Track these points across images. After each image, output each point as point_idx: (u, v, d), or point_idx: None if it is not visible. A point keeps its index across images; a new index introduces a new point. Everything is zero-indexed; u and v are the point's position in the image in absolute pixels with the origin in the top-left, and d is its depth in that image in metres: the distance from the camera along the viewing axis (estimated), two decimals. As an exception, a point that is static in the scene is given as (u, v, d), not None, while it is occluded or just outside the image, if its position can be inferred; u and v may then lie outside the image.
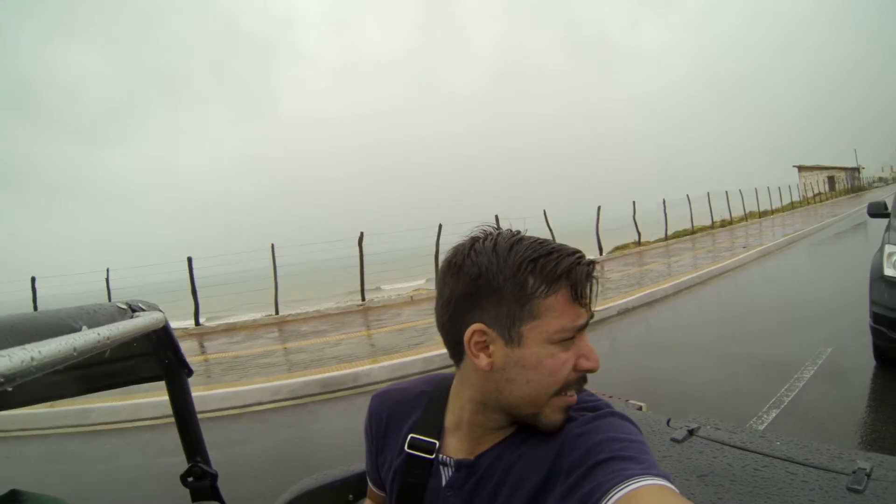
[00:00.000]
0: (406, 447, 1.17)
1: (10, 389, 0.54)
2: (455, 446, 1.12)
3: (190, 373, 1.66)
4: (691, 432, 1.67)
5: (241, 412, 6.08)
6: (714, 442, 1.59)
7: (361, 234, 14.35)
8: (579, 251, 0.97)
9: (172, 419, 1.71)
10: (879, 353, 4.63)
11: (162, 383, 1.71)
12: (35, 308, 13.14)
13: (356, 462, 1.77)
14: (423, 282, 16.91)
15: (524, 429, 1.05)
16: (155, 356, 1.58)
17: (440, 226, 14.91)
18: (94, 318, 0.84)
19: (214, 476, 1.72)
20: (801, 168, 62.72)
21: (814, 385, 4.69)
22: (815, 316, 7.19)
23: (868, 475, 1.23)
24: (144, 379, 1.65)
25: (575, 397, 0.99)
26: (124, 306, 1.03)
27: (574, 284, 0.94)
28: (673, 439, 1.63)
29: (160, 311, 1.26)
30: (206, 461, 1.73)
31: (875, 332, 4.44)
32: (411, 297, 14.68)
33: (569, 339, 0.96)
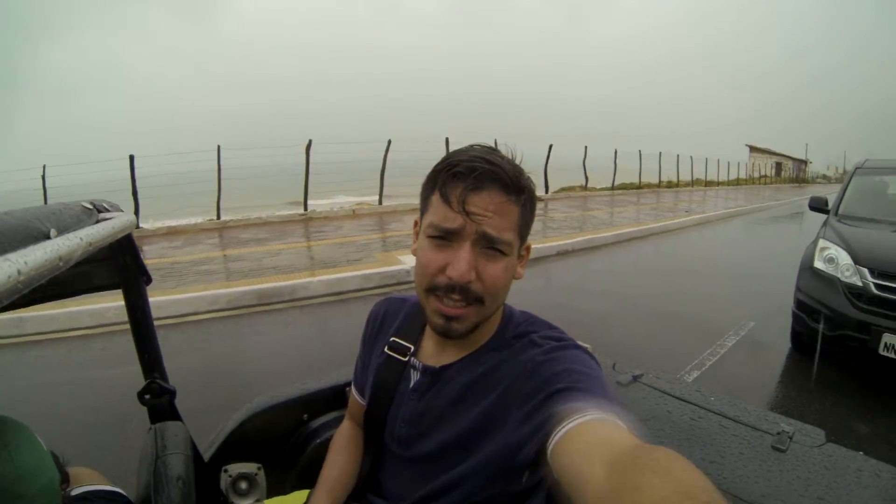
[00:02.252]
0: (386, 348, 1.25)
1: None
2: (428, 353, 1.20)
3: (149, 280, 1.58)
4: (636, 378, 1.78)
5: (178, 321, 5.96)
6: (656, 390, 1.70)
7: (310, 141, 14.09)
8: (475, 158, 0.99)
9: (111, 328, 1.62)
10: (796, 337, 4.91)
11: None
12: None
13: (303, 380, 1.85)
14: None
15: (492, 347, 1.11)
16: (113, 262, 1.49)
17: (389, 141, 14.75)
18: (60, 219, 0.78)
19: (173, 393, 1.67)
20: (752, 148, 64.05)
21: (734, 353, 4.96)
22: (742, 290, 7.50)
23: (790, 438, 1.37)
24: (100, 287, 1.55)
25: (451, 309, 1.02)
26: (89, 206, 0.96)
27: (441, 187, 1.00)
28: (618, 382, 1.74)
29: (122, 211, 1.16)
30: (164, 377, 1.67)
31: (796, 318, 4.69)
32: (353, 210, 14.61)
33: (440, 238, 1.01)
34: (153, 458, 1.23)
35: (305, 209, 14.17)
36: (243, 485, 1.69)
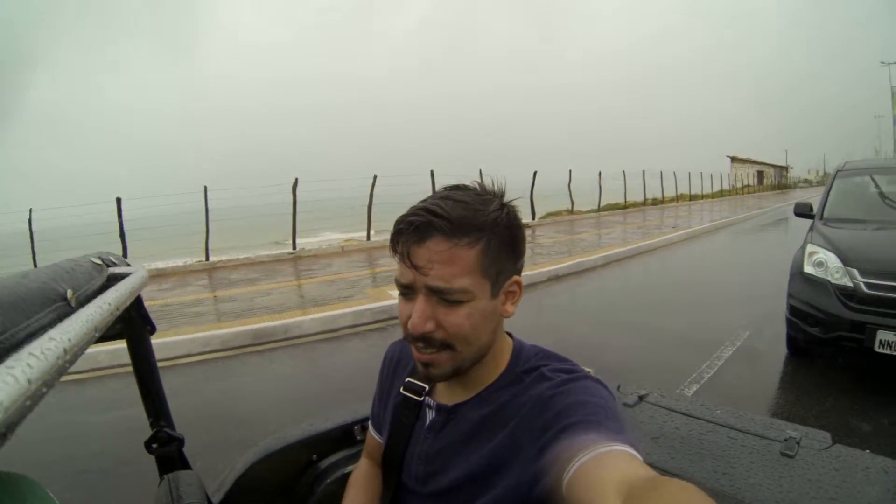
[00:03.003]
0: (402, 389, 1.27)
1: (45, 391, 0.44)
2: (441, 392, 1.21)
3: (153, 330, 1.56)
4: (641, 398, 1.80)
5: (171, 364, 5.91)
6: (662, 408, 1.72)
7: (296, 179, 14.11)
8: (416, 212, 0.99)
9: (105, 372, 1.58)
10: (792, 342, 4.95)
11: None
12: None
13: (311, 421, 1.83)
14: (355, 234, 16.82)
15: (503, 384, 1.11)
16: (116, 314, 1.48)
17: (374, 177, 14.80)
18: (74, 278, 0.78)
19: (181, 441, 1.64)
20: (734, 159, 64.65)
21: (732, 364, 4.98)
22: (734, 300, 7.54)
23: (798, 443, 1.39)
24: (105, 338, 1.46)
25: (423, 355, 1.03)
26: (98, 261, 0.97)
27: (392, 243, 1.03)
28: (625, 404, 1.76)
29: (128, 264, 1.17)
30: (171, 425, 1.65)
31: (790, 324, 4.73)
32: (342, 247, 14.59)
33: (405, 293, 1.03)
34: None
35: (294, 247, 14.14)
36: None
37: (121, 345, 1.59)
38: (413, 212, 0.99)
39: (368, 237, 15.32)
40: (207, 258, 13.28)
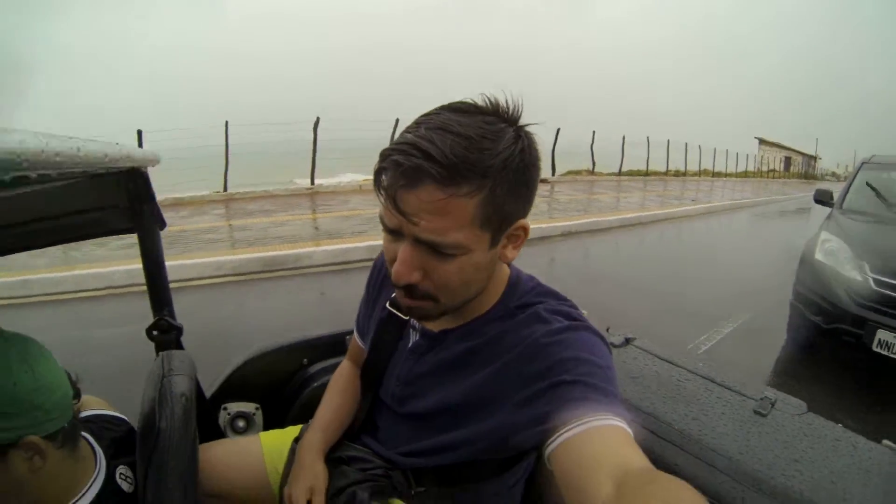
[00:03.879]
0: (388, 304, 1.23)
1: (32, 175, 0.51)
2: None
3: (164, 226, 1.62)
4: (628, 340, 1.86)
5: (182, 285, 6.00)
6: (646, 352, 1.77)
7: (317, 118, 13.98)
8: (412, 143, 0.80)
9: (118, 290, 1.64)
10: (792, 328, 4.89)
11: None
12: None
13: (306, 329, 1.93)
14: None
15: (494, 317, 1.05)
16: (129, 207, 1.52)
17: (396, 120, 14.59)
18: (89, 148, 0.78)
19: (180, 330, 1.71)
20: (762, 141, 62.72)
21: (730, 340, 4.97)
22: (742, 281, 7.48)
23: (772, 404, 1.41)
24: (117, 231, 1.60)
25: (406, 301, 0.96)
26: (117, 144, 0.96)
27: (376, 178, 0.87)
28: (612, 344, 1.79)
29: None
30: (172, 315, 1.71)
31: (793, 309, 4.68)
32: (360, 185, 14.56)
33: (390, 232, 0.91)
34: (159, 378, 1.25)
35: (312, 183, 14.13)
36: (241, 423, 1.77)
37: (137, 265, 1.64)
38: (400, 147, 0.81)
39: None
40: (226, 189, 13.33)
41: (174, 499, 1.08)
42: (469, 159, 0.80)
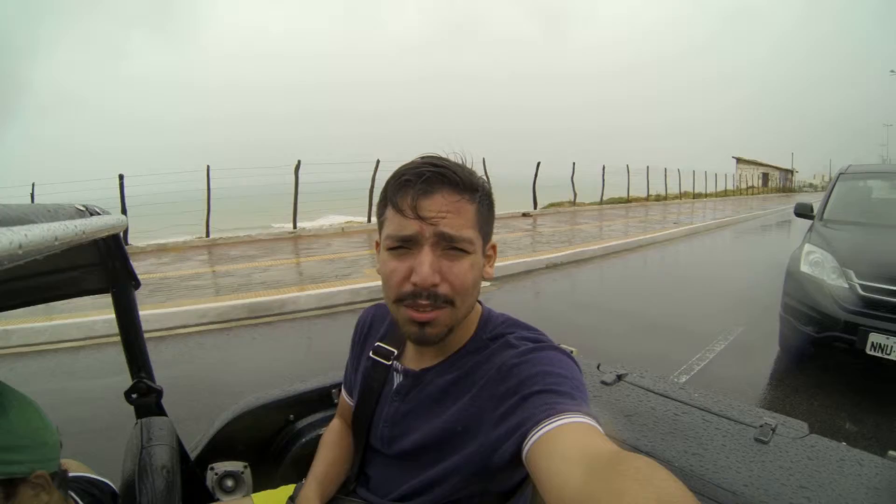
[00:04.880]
0: (371, 353, 1.30)
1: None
2: (409, 357, 1.24)
3: (137, 285, 1.60)
4: (620, 377, 1.81)
5: (166, 334, 5.94)
6: (640, 388, 1.72)
7: (298, 161, 14.09)
8: (421, 165, 1.02)
9: (96, 340, 1.62)
10: (784, 340, 4.93)
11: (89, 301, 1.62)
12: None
13: (291, 383, 1.90)
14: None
15: (469, 350, 1.13)
16: (102, 267, 1.51)
17: (378, 161, 14.67)
18: (55, 216, 0.78)
19: (159, 392, 1.69)
20: (739, 160, 64.19)
21: (723, 358, 4.98)
22: (731, 297, 7.53)
23: (773, 430, 1.38)
24: (90, 291, 1.59)
25: (422, 314, 1.02)
26: (82, 208, 0.99)
27: (391, 198, 1.03)
28: (603, 382, 1.76)
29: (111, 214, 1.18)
30: (151, 377, 1.69)
31: (783, 321, 4.74)
32: (342, 228, 14.57)
33: (399, 248, 1.02)
34: (139, 450, 1.25)
35: (294, 227, 14.14)
36: (229, 482, 1.73)
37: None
38: (417, 165, 1.01)
39: (369, 219, 15.26)
40: (208, 234, 13.29)
41: None
42: (468, 174, 1.04)
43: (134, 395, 1.66)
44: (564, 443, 0.78)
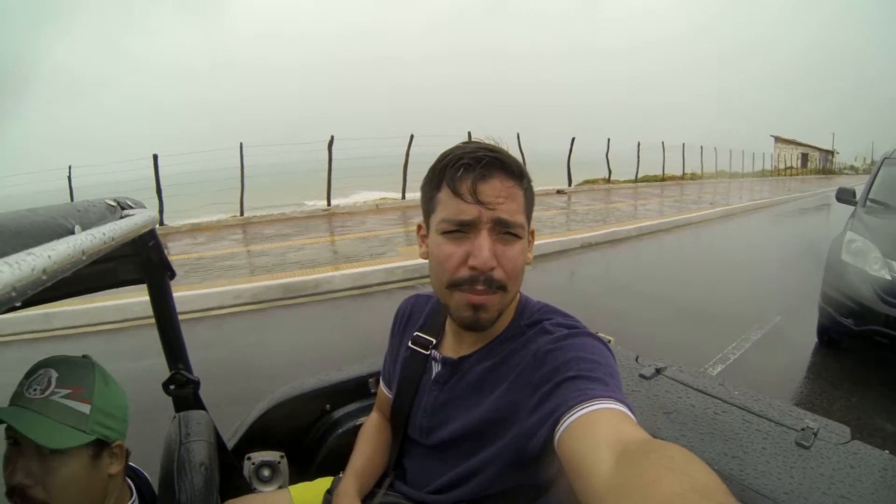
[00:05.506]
0: (410, 343, 1.31)
1: (18, 305, 0.50)
2: (448, 346, 1.25)
3: (173, 275, 1.62)
4: (658, 371, 1.77)
5: (202, 315, 6.03)
6: (679, 383, 1.68)
7: (332, 137, 14.06)
8: (478, 150, 1.02)
9: (135, 323, 1.64)
10: (823, 332, 4.78)
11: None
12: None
13: (328, 372, 1.91)
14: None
15: (506, 337, 1.13)
16: (137, 258, 1.54)
17: (411, 136, 14.61)
18: (85, 216, 0.81)
19: (197, 383, 1.71)
20: (777, 139, 61.72)
21: (759, 348, 4.84)
22: (768, 283, 7.35)
23: (815, 434, 1.34)
24: (126, 282, 1.61)
25: (480, 297, 1.03)
26: (113, 203, 1.00)
27: (448, 181, 1.03)
28: (641, 375, 1.73)
29: (145, 207, 1.21)
30: (188, 368, 1.71)
31: (822, 312, 4.58)
32: (377, 205, 14.57)
33: (455, 231, 1.03)
34: (177, 445, 1.28)
35: (328, 204, 14.19)
36: (266, 472, 1.76)
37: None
38: (474, 150, 1.03)
39: (403, 196, 15.23)
40: (242, 213, 13.43)
41: None
42: (516, 162, 1.05)
43: (172, 387, 1.68)
44: (595, 429, 0.79)
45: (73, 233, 0.70)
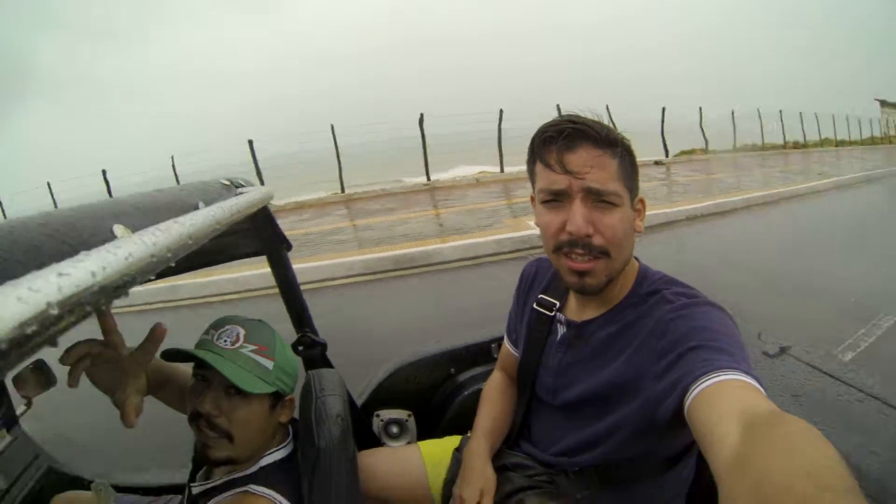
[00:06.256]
0: (535, 304, 1.38)
1: (172, 265, 0.56)
2: (572, 309, 1.31)
3: (289, 247, 1.71)
4: (783, 349, 1.64)
5: (317, 286, 6.29)
6: (807, 365, 1.54)
7: (421, 115, 14.11)
8: (562, 122, 1.08)
9: (254, 294, 1.71)
10: None
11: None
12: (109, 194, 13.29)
13: (447, 337, 2.02)
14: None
15: (628, 304, 1.18)
16: (255, 232, 1.62)
17: (500, 111, 14.48)
18: (206, 194, 0.88)
19: (324, 345, 1.80)
20: (883, 103, 56.52)
21: (893, 335, 4.42)
22: (896, 264, 6.72)
23: None
24: (247, 254, 1.72)
25: (580, 264, 1.09)
26: (227, 182, 1.07)
27: (538, 154, 1.12)
28: (765, 353, 1.62)
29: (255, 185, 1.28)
30: (314, 331, 1.80)
31: None
32: (476, 179, 14.49)
33: (552, 201, 1.10)
34: (313, 399, 1.35)
35: (428, 179, 14.27)
36: (395, 429, 1.89)
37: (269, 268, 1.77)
38: (558, 123, 1.08)
39: (502, 169, 15.07)
40: (343, 190, 13.74)
41: None
42: (606, 130, 1.07)
43: (300, 348, 1.78)
44: (722, 400, 0.80)
45: (197, 208, 0.78)
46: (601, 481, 1.20)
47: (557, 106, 14.53)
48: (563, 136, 1.05)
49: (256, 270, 6.27)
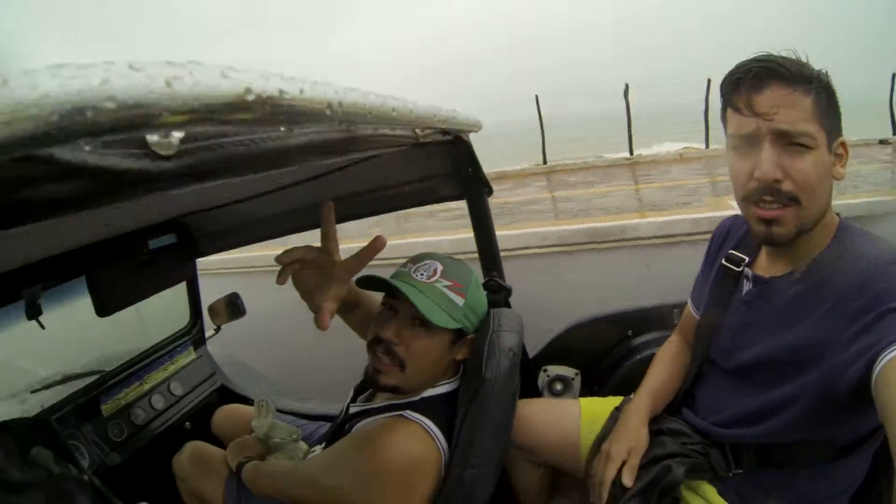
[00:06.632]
0: (723, 260, 1.31)
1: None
2: (762, 265, 1.22)
3: (490, 192, 1.68)
4: None
5: (510, 254, 6.19)
6: None
7: (626, 85, 13.35)
8: (749, 62, 1.01)
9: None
10: None
11: None
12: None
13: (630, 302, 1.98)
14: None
15: (823, 262, 1.07)
16: (456, 176, 1.63)
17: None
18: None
19: (508, 290, 1.75)
20: None
21: None
22: None
23: None
24: (448, 198, 1.73)
25: (767, 212, 1.01)
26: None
27: (728, 97, 1.05)
28: None
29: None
30: (502, 276, 1.77)
31: None
32: (680, 154, 13.56)
33: (741, 147, 1.04)
34: (489, 332, 1.33)
35: (631, 153, 13.71)
36: (559, 386, 1.87)
37: (467, 234, 1.83)
38: (745, 63, 1.01)
39: (707, 145, 13.82)
40: (545, 161, 13.74)
41: (486, 443, 1.20)
42: (798, 66, 0.98)
43: (486, 291, 1.70)
44: None
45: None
46: (758, 461, 1.15)
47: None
48: (751, 76, 0.98)
49: (451, 235, 6.61)
